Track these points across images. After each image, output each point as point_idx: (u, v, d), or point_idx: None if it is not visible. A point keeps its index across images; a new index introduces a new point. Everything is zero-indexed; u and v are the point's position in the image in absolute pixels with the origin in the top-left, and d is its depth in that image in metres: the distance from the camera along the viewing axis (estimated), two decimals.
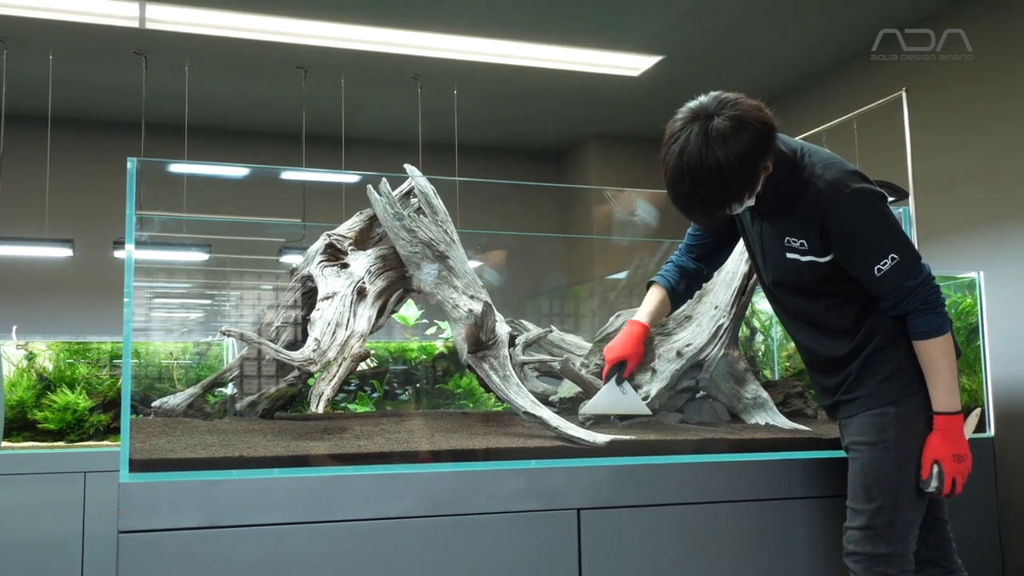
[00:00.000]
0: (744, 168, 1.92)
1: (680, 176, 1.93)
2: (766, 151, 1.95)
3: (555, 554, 2.08)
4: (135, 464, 1.89)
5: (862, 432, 2.06)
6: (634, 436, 2.27)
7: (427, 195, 2.59)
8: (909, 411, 2.02)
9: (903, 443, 2.01)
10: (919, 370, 2.04)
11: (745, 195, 1.98)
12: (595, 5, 6.09)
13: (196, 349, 3.98)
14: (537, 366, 2.85)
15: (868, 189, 1.98)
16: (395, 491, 1.99)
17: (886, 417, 2.02)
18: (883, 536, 2.00)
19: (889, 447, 2.01)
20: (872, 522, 2.01)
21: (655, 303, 2.40)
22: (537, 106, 8.09)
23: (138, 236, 2.12)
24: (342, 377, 2.26)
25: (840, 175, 1.99)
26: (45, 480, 3.79)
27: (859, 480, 2.05)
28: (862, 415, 2.07)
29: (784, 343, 3.77)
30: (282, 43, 6.46)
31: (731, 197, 1.97)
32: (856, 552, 2.03)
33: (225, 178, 7.05)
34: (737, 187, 1.95)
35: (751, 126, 1.91)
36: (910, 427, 2.02)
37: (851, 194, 1.97)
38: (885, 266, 1.96)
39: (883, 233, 1.98)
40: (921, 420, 2.03)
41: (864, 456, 2.05)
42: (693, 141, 1.91)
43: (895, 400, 2.03)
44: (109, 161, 5.20)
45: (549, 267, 4.36)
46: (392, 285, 2.61)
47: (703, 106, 1.95)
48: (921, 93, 5.74)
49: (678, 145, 1.93)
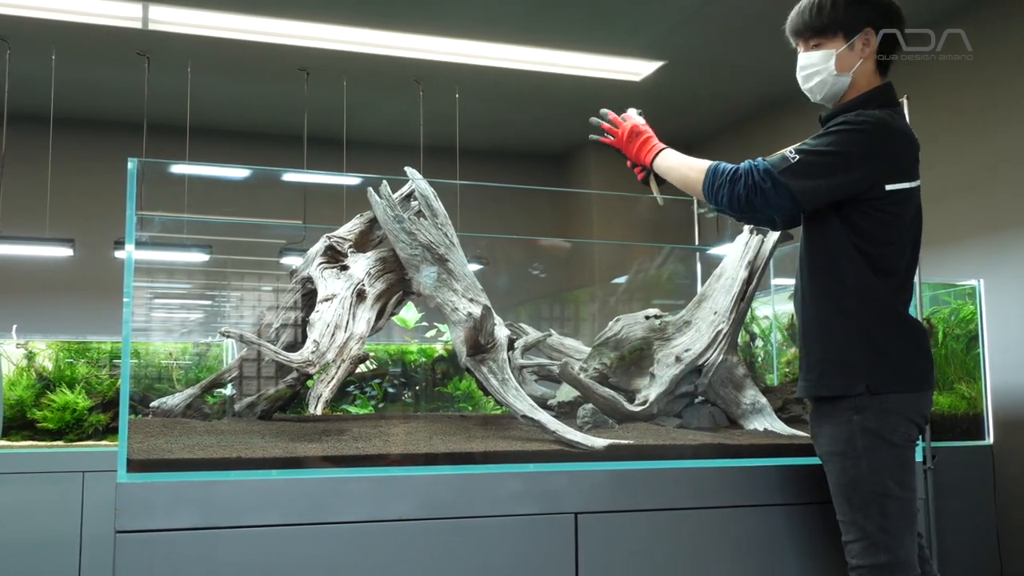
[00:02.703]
0: (852, 5, 2.08)
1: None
2: (882, 21, 2.09)
3: (552, 558, 2.08)
4: (133, 464, 1.89)
5: (831, 443, 2.06)
6: (632, 441, 2.27)
7: (427, 198, 2.59)
8: (872, 414, 2.00)
9: (872, 448, 2.00)
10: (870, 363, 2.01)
11: (838, 32, 2.09)
12: (597, 10, 6.10)
13: (195, 350, 3.98)
14: (536, 370, 2.85)
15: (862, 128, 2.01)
16: (393, 494, 1.99)
17: (851, 426, 2.01)
18: (880, 545, 1.99)
19: (859, 454, 2.01)
20: (865, 532, 2.00)
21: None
22: (538, 110, 8.10)
23: (138, 236, 2.12)
24: (341, 379, 2.26)
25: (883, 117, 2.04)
26: (43, 479, 3.79)
27: (838, 491, 2.05)
28: (828, 425, 2.06)
29: (784, 349, 3.77)
30: (284, 45, 6.47)
31: (828, 14, 2.09)
32: (860, 565, 2.02)
33: (226, 179, 7.06)
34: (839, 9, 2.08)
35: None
36: (876, 432, 2.00)
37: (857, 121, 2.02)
38: (789, 154, 2.02)
39: (823, 146, 2.02)
40: (888, 423, 2.00)
41: (837, 467, 2.05)
42: None
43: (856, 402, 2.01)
44: (110, 161, 5.20)
45: (549, 271, 4.36)
46: (392, 287, 2.61)
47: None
48: (922, 100, 5.74)
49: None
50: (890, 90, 2.14)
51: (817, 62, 2.12)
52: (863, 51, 2.10)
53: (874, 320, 2.04)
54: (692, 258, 3.70)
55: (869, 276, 2.04)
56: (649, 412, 2.55)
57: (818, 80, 2.13)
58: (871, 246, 2.03)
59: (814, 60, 2.13)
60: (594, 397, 2.48)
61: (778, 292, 3.68)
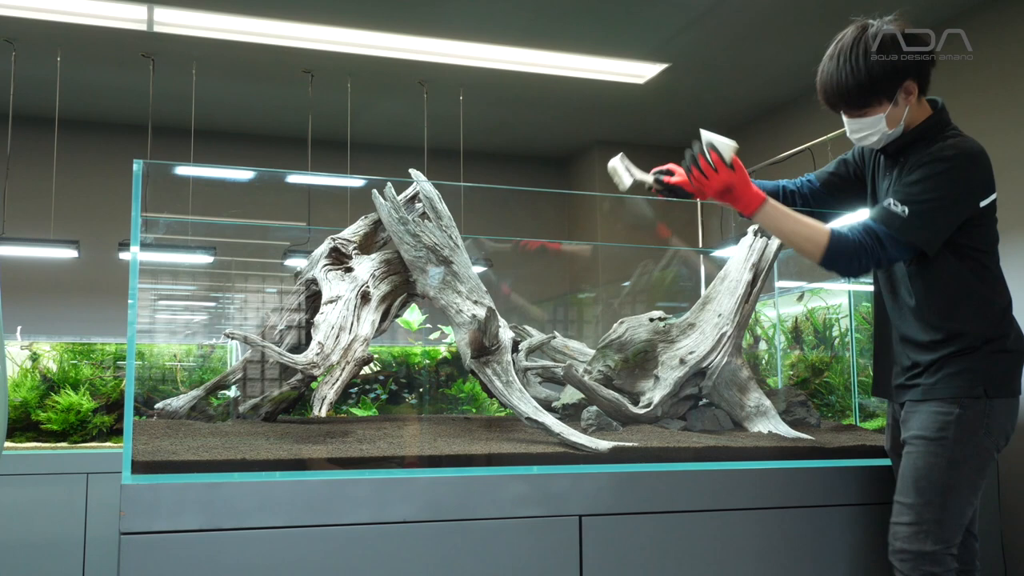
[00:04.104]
0: (888, 69, 2.04)
1: (830, 60, 2.10)
2: (915, 72, 2.07)
3: (556, 561, 2.08)
4: (138, 466, 1.89)
5: (923, 427, 2.07)
6: (636, 443, 2.26)
7: (432, 200, 2.59)
8: (972, 415, 2.03)
9: (960, 443, 2.02)
10: (990, 375, 2.05)
11: (882, 100, 2.07)
12: (601, 12, 6.10)
13: (200, 351, 3.98)
14: (540, 372, 2.85)
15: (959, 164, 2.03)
16: (397, 496, 1.99)
17: (949, 417, 2.04)
18: (931, 534, 2.01)
19: (946, 445, 2.03)
20: (920, 519, 2.02)
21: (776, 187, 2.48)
22: (542, 112, 8.10)
23: (143, 238, 2.12)
24: (345, 381, 2.26)
25: (956, 144, 2.06)
26: (48, 481, 3.79)
27: (910, 474, 2.07)
28: (925, 410, 2.08)
29: (788, 352, 3.77)
30: (289, 47, 6.48)
31: (867, 92, 2.05)
32: (904, 549, 2.04)
33: (230, 181, 7.06)
34: (876, 85, 2.04)
35: (909, 40, 2.05)
36: (970, 431, 2.03)
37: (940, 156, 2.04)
38: (896, 208, 2.02)
39: (928, 192, 2.02)
40: (983, 427, 2.03)
41: (919, 450, 2.06)
42: (851, 33, 2.09)
43: (960, 398, 2.04)
44: (115, 163, 5.22)
45: (553, 273, 4.36)
46: (396, 289, 2.61)
47: (870, 21, 2.10)
48: None
49: (837, 39, 2.11)
50: (944, 113, 2.16)
51: (867, 126, 2.13)
52: (908, 99, 2.10)
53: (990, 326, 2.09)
54: (696, 260, 3.70)
55: (978, 284, 2.09)
56: (653, 414, 2.55)
57: (874, 139, 2.16)
58: (978, 255, 2.11)
59: (864, 125, 2.13)
60: (598, 399, 2.48)
61: (782, 294, 3.68)
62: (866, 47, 2.03)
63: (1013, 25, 5.69)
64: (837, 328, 3.52)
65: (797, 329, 3.66)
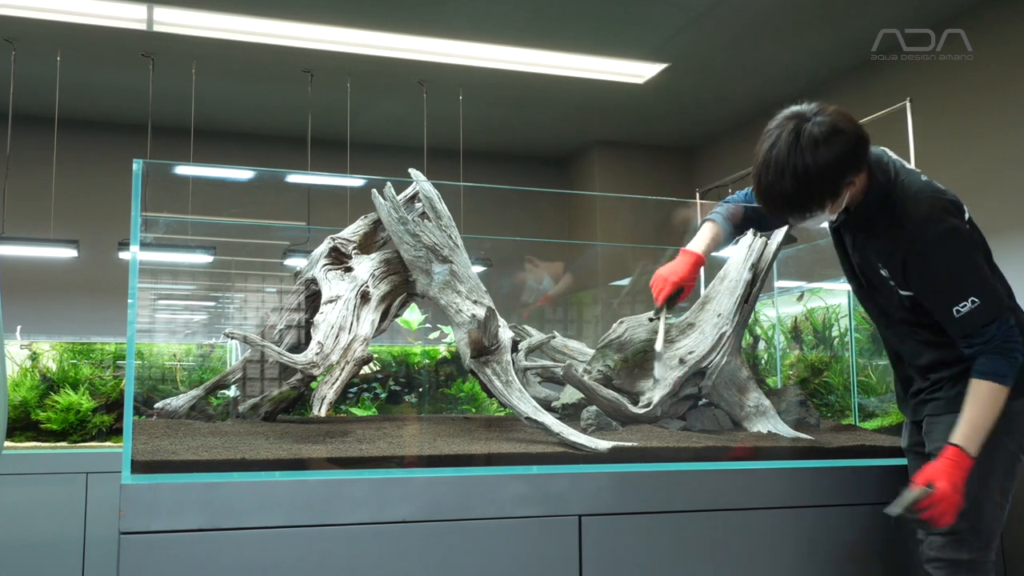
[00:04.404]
0: (829, 175, 1.94)
1: (766, 169, 1.96)
2: (854, 165, 1.97)
3: (556, 561, 2.08)
4: (137, 465, 1.89)
5: (947, 437, 2.03)
6: (636, 443, 2.26)
7: (431, 200, 2.59)
8: (996, 423, 2.01)
9: (986, 450, 1.99)
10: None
11: (827, 203, 1.98)
12: (601, 12, 6.10)
13: (199, 351, 3.98)
14: (540, 372, 2.85)
15: (952, 228, 1.97)
16: (396, 495, 1.99)
17: None
18: (966, 542, 2.01)
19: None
20: (955, 527, 1.99)
21: (710, 236, 2.43)
22: (542, 112, 8.10)
23: (143, 238, 2.12)
24: (345, 381, 2.26)
25: (928, 210, 1.98)
26: (47, 480, 3.79)
27: None
28: (947, 420, 2.05)
29: (787, 352, 3.77)
30: (289, 47, 6.48)
31: (811, 201, 1.97)
32: (939, 558, 2.03)
33: (230, 181, 7.05)
34: (819, 193, 1.96)
35: (844, 136, 1.94)
36: (995, 434, 2.00)
37: (936, 235, 1.96)
38: (964, 308, 1.95)
39: (964, 274, 1.97)
40: (1006, 428, 2.02)
41: None
42: (784, 138, 1.94)
43: None
44: (115, 163, 5.21)
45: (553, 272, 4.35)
46: (396, 289, 2.61)
47: (801, 110, 1.98)
48: (926, 101, 5.74)
49: (769, 140, 1.97)
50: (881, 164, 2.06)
51: (813, 223, 2.11)
52: (852, 187, 2.02)
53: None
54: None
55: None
56: (653, 414, 2.55)
57: (823, 225, 2.14)
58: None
59: (809, 223, 2.11)
60: (598, 399, 2.48)
61: (781, 294, 3.68)
62: (803, 158, 1.91)
63: (1013, 25, 5.69)
64: (837, 328, 3.52)
65: (796, 329, 3.66)
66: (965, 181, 5.82)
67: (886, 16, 5.98)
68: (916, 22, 5.99)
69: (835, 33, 6.38)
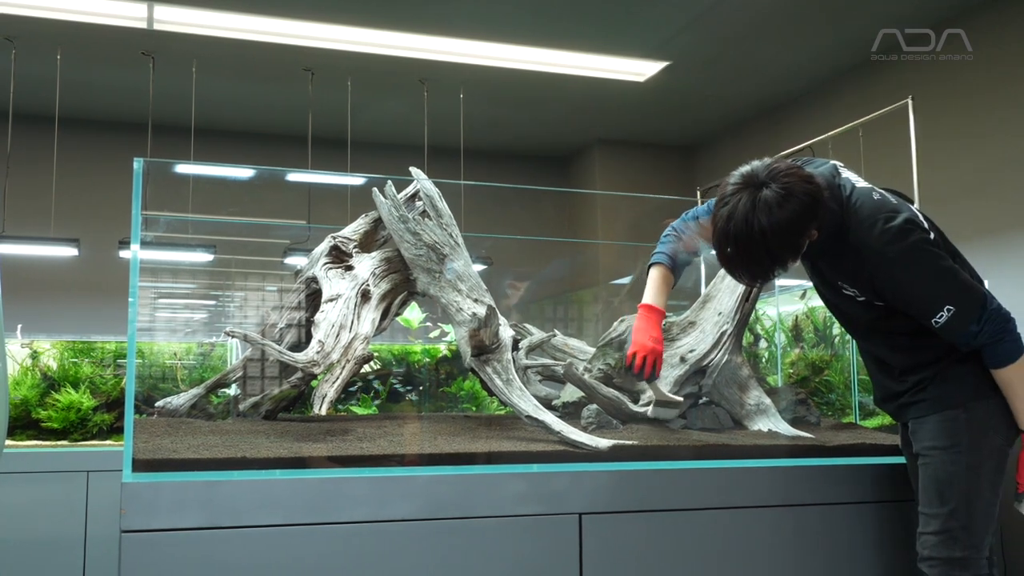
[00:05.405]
0: (787, 238, 1.97)
1: (725, 239, 1.99)
2: (811, 222, 1.99)
3: (556, 558, 2.08)
4: (138, 464, 1.89)
5: (933, 437, 2.07)
6: (636, 441, 2.27)
7: (432, 198, 2.59)
8: (980, 415, 2.03)
9: (974, 447, 2.02)
10: (988, 374, 2.04)
11: (788, 261, 2.02)
12: (602, 10, 6.10)
13: (200, 350, 3.99)
14: (540, 370, 2.85)
15: (910, 246, 1.98)
16: (396, 494, 1.99)
17: (957, 422, 2.04)
18: (959, 540, 2.02)
19: (961, 451, 2.03)
20: (947, 526, 2.02)
21: (661, 284, 2.40)
22: (543, 110, 8.10)
23: (144, 236, 2.12)
24: (345, 379, 2.26)
25: (882, 234, 1.98)
26: (48, 479, 3.79)
27: (932, 485, 2.07)
28: (933, 420, 2.07)
29: (788, 350, 3.77)
30: (289, 45, 6.48)
31: (773, 263, 2.01)
32: (933, 557, 2.04)
33: (231, 179, 7.05)
34: (780, 254, 1.99)
35: (797, 199, 1.95)
36: (981, 431, 2.03)
37: (897, 256, 1.97)
38: (942, 318, 1.98)
39: (935, 286, 1.98)
40: (992, 425, 2.03)
41: (936, 461, 2.06)
42: (740, 208, 1.96)
43: (964, 403, 2.04)
44: (115, 161, 5.22)
45: (553, 271, 4.36)
46: (396, 288, 2.61)
47: (754, 173, 1.99)
48: (927, 101, 5.74)
49: (726, 210, 1.99)
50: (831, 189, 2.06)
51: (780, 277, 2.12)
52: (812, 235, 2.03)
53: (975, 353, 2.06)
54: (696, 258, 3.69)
55: None
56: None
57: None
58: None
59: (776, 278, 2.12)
60: (598, 397, 2.48)
61: (782, 292, 3.68)
62: (761, 229, 1.93)
63: (1013, 25, 5.69)
64: (837, 326, 3.52)
65: (797, 327, 3.66)
66: (965, 181, 5.82)
67: (886, 16, 5.98)
68: (916, 22, 5.99)
69: (835, 33, 6.38)
